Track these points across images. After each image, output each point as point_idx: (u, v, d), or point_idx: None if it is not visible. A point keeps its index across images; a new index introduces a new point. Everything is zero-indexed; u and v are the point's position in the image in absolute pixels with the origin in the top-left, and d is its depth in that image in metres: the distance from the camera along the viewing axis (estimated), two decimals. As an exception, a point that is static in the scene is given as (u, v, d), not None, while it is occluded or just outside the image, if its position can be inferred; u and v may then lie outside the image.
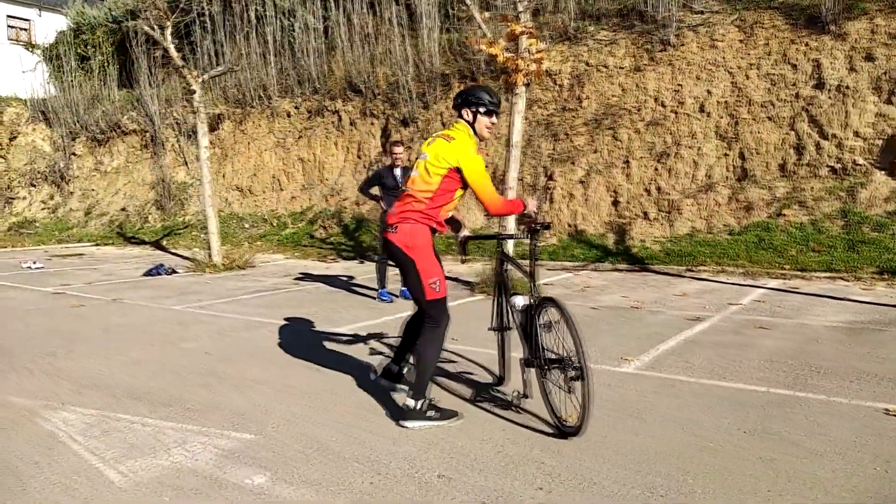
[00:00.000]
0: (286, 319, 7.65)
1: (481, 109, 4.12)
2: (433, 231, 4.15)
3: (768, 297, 8.47)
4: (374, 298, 9.04)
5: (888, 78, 11.15)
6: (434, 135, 4.32)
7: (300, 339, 6.64)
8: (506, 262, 4.62)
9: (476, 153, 4.09)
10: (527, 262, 4.42)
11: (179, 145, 20.72)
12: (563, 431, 3.86)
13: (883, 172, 10.75)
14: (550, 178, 13.64)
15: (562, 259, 11.96)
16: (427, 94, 16.42)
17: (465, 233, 4.61)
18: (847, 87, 11.42)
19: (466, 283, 9.78)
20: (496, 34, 9.84)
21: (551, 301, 4.00)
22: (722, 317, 7.38)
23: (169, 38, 12.75)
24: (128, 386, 5.08)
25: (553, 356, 3.95)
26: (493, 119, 4.15)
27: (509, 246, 9.60)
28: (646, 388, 4.83)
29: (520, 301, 4.26)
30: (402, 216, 4.10)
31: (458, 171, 4.07)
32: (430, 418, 4.04)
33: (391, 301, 8.73)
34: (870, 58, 11.47)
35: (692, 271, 10.59)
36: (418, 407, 4.03)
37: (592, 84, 14.12)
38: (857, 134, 11.14)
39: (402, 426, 4.07)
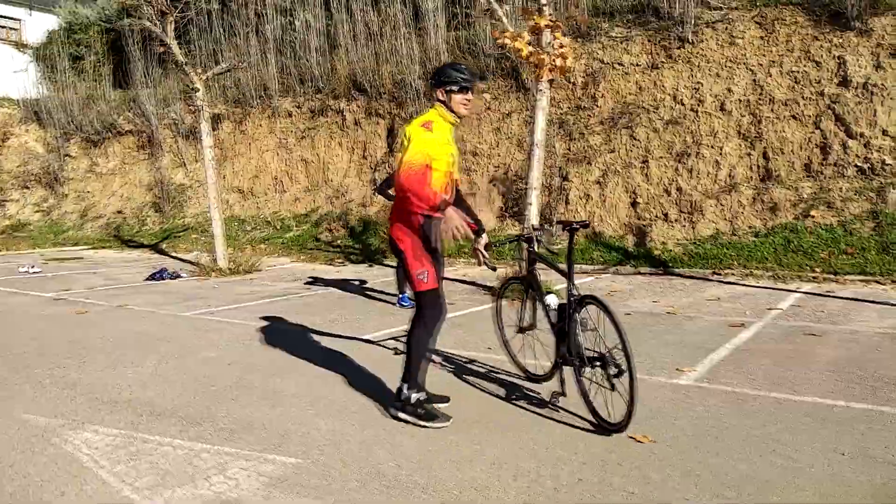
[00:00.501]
0: (304, 326, 7.25)
1: (454, 88, 4.02)
2: (429, 218, 4.02)
3: (806, 302, 8.14)
4: (393, 304, 8.65)
5: (916, 75, 10.87)
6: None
7: (325, 348, 6.24)
8: (537, 261, 4.61)
9: (428, 130, 3.93)
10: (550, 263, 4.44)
11: (178, 146, 20.23)
12: (604, 429, 3.86)
13: (913, 172, 10.46)
14: (566, 178, 13.28)
15: (580, 262, 11.59)
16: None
17: (484, 239, 4.36)
18: (874, 85, 11.12)
19: (488, 288, 9.40)
20: (516, 28, 9.45)
21: (593, 299, 3.97)
22: (765, 323, 7.03)
23: (171, 33, 12.31)
24: (149, 402, 4.67)
25: (593, 354, 3.95)
26: (468, 95, 4.06)
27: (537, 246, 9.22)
28: (713, 403, 4.46)
29: (554, 300, 4.35)
30: (395, 209, 4.14)
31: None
32: (419, 416, 4.08)
33: (413, 306, 8.33)
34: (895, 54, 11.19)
35: (718, 274, 10.24)
36: (413, 400, 4.10)
37: (607, 82, 13.78)
38: (885, 133, 10.83)
39: (393, 415, 4.17)
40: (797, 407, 4.35)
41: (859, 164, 10.91)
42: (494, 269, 4.76)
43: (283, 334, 6.89)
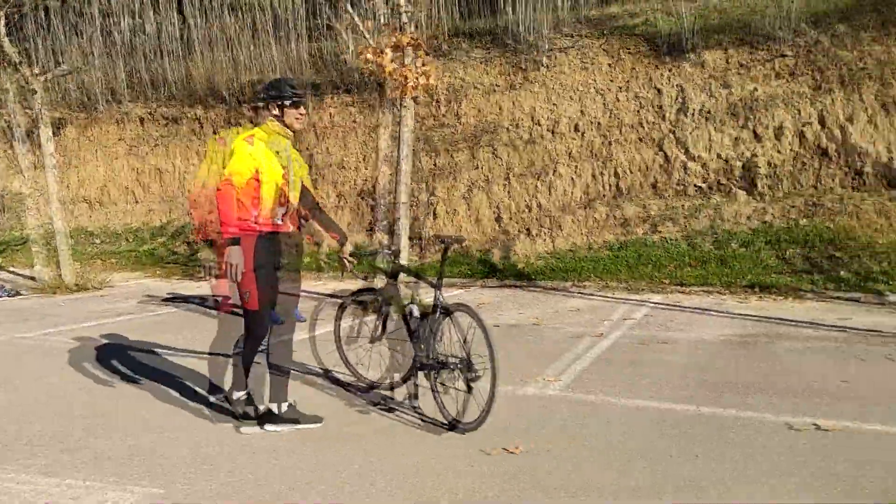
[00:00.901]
0: (158, 345, 6.80)
1: (286, 102, 4.14)
2: (273, 235, 4.16)
3: (657, 312, 8.75)
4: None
5: (743, 105, 12.08)
6: None
7: (180, 366, 5.88)
8: (399, 274, 4.96)
9: (250, 144, 4.09)
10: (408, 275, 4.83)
11: (13, 151, 18.38)
12: (456, 427, 4.15)
13: (744, 192, 11.58)
14: (433, 193, 13.48)
15: (449, 276, 11.77)
16: (299, 104, 15.72)
17: (348, 248, 4.57)
18: (708, 112, 12.24)
19: (359, 303, 9.30)
20: (377, 44, 9.46)
21: (463, 307, 4.27)
22: (622, 333, 7.48)
23: (2, 28, 11.22)
24: (-15, 441, 4.17)
25: (454, 359, 4.20)
26: (301, 109, 4.20)
27: (403, 258, 9.27)
28: (578, 411, 4.67)
29: (415, 309, 4.60)
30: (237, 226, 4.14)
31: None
32: (249, 418, 4.34)
33: (282, 323, 8.07)
34: (726, 85, 12.37)
35: (578, 286, 10.79)
36: (235, 397, 4.43)
37: (469, 100, 14.17)
38: (719, 156, 11.94)
39: (240, 431, 4.31)
40: (654, 413, 4.65)
41: (699, 183, 11.94)
42: (366, 279, 4.92)
43: (133, 355, 6.42)
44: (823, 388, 5.19)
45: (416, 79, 8.94)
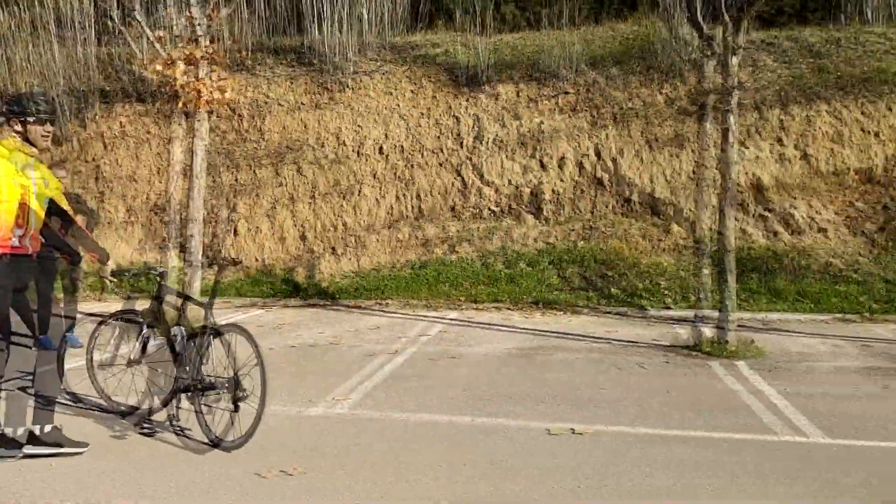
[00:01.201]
0: None
1: (31, 119, 3.94)
2: (10, 257, 3.92)
3: (451, 329, 9.17)
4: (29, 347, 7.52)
5: (531, 136, 13.11)
6: None
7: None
8: (165, 295, 4.84)
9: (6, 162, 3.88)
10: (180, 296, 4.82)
11: None
12: (219, 446, 4.19)
13: (532, 216, 12.53)
14: (234, 209, 13.05)
15: (251, 295, 11.50)
16: (84, 110, 14.53)
17: (109, 267, 4.56)
18: (501, 141, 13.13)
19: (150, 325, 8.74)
20: (169, 56, 9.08)
21: (234, 326, 4.36)
22: (417, 349, 7.76)
23: None
24: None
25: (221, 380, 4.24)
26: (48, 127, 4.02)
27: (196, 278, 8.91)
28: (364, 429, 4.79)
29: (180, 331, 4.57)
30: None
31: None
32: (50, 444, 4.12)
33: (52, 349, 7.36)
34: (517, 117, 13.37)
35: (381, 305, 11.00)
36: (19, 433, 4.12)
37: (273, 117, 13.97)
38: (510, 182, 12.84)
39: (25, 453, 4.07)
40: (434, 426, 4.90)
41: (492, 207, 12.74)
42: (128, 299, 4.76)
43: None
44: (584, 395, 5.78)
45: (211, 93, 8.69)
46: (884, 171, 11.88)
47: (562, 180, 12.75)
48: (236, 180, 13.42)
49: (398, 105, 13.69)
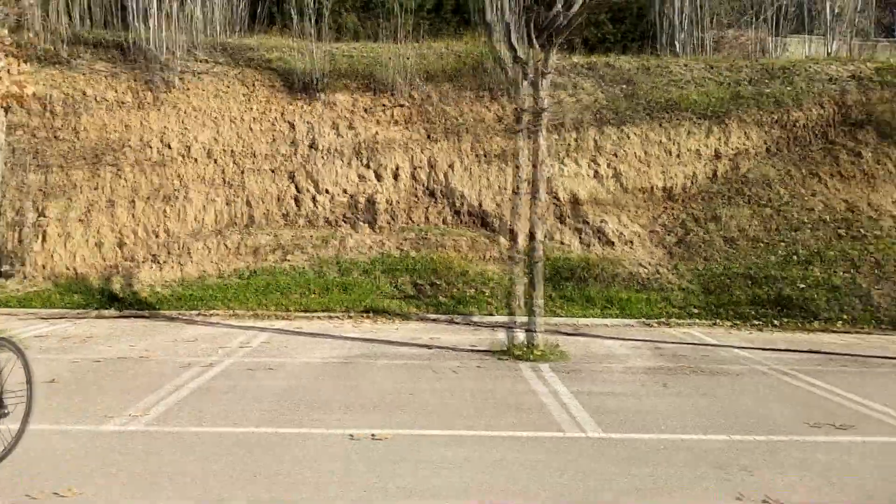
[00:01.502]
0: None
1: None
2: None
3: (275, 339, 9.03)
4: None
5: (366, 146, 13.23)
6: None
7: None
8: None
9: None
10: None
11: None
12: None
13: (367, 225, 12.63)
14: (42, 213, 12.01)
15: (61, 306, 10.65)
16: None
17: None
18: (336, 150, 13.13)
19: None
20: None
21: (3, 341, 4.14)
22: (234, 361, 7.57)
23: None
24: None
25: None
26: None
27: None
28: (158, 446, 4.62)
29: None
30: None
31: None
32: None
33: None
34: (352, 127, 13.43)
35: (204, 315, 10.60)
36: None
37: (91, 115, 13.04)
38: (345, 191, 12.86)
39: None
40: (233, 439, 4.82)
41: (327, 215, 12.69)
42: None
43: None
44: (395, 401, 5.93)
45: (8, 87, 8.00)
46: (683, 189, 13.20)
47: (396, 190, 12.97)
48: (46, 181, 12.36)
49: (230, 108, 13.28)
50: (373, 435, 4.88)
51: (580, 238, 12.56)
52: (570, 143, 13.39)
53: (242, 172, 12.78)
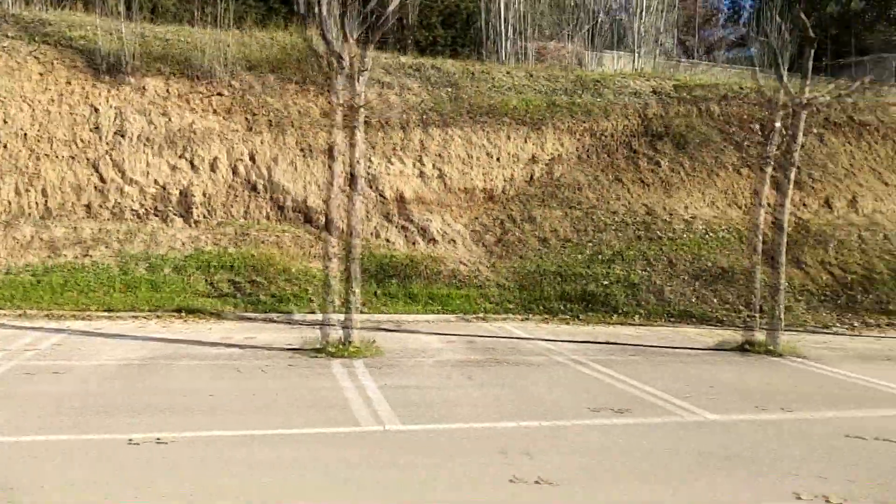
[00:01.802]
0: None
1: None
2: None
3: (69, 340, 8.29)
4: None
5: (181, 135, 12.51)
6: None
7: None
8: None
9: None
10: None
11: None
12: None
13: (181, 219, 11.93)
14: None
15: None
16: None
17: None
18: (147, 138, 12.28)
19: None
20: None
21: None
22: (14, 364, 6.86)
23: None
24: None
25: None
26: None
27: None
28: None
29: None
30: None
31: None
32: None
33: None
34: (165, 114, 12.64)
35: (-13, 317, 9.50)
36: None
37: None
38: (157, 182, 12.07)
39: None
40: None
41: (135, 207, 11.84)
42: None
43: None
44: (191, 402, 5.66)
45: None
46: (502, 191, 13.81)
47: (214, 183, 12.38)
48: None
49: (22, 87, 11.99)
50: (158, 439, 4.61)
51: (405, 236, 12.72)
52: (397, 143, 13.54)
53: (38, 159, 11.60)
